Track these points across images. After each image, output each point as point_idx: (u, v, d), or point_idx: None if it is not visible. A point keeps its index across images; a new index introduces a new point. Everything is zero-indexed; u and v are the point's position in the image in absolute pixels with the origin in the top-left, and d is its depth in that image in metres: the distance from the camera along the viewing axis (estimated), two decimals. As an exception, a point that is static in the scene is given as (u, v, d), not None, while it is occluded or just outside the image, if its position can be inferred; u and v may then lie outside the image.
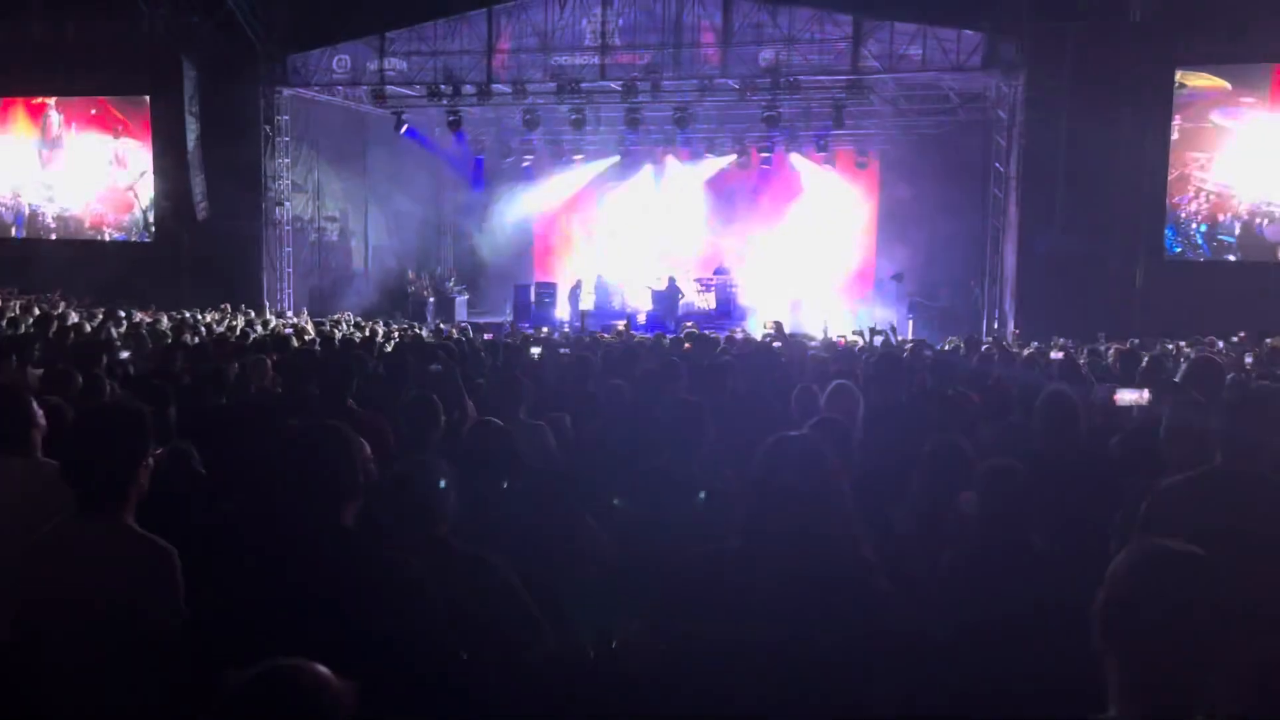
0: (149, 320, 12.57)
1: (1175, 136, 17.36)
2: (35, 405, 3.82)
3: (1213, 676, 1.74)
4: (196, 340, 9.35)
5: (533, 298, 22.55)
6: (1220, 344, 12.13)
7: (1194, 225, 17.52)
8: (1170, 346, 11.62)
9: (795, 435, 2.60)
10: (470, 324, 18.15)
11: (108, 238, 21.89)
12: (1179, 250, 17.62)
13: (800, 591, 2.26)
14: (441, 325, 18.25)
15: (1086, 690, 2.05)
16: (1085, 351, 9.98)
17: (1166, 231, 17.56)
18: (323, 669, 1.60)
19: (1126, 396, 5.10)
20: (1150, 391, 4.99)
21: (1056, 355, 8.89)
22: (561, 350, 8.86)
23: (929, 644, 2.51)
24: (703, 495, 3.63)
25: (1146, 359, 6.85)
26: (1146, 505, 3.17)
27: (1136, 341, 13.02)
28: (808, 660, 2.21)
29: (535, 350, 7.10)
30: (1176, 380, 5.33)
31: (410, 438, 4.04)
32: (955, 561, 3.00)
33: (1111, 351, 9.64)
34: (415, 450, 3.72)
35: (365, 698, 1.71)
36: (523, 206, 24.62)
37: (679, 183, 23.72)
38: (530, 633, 2.91)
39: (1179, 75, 17.30)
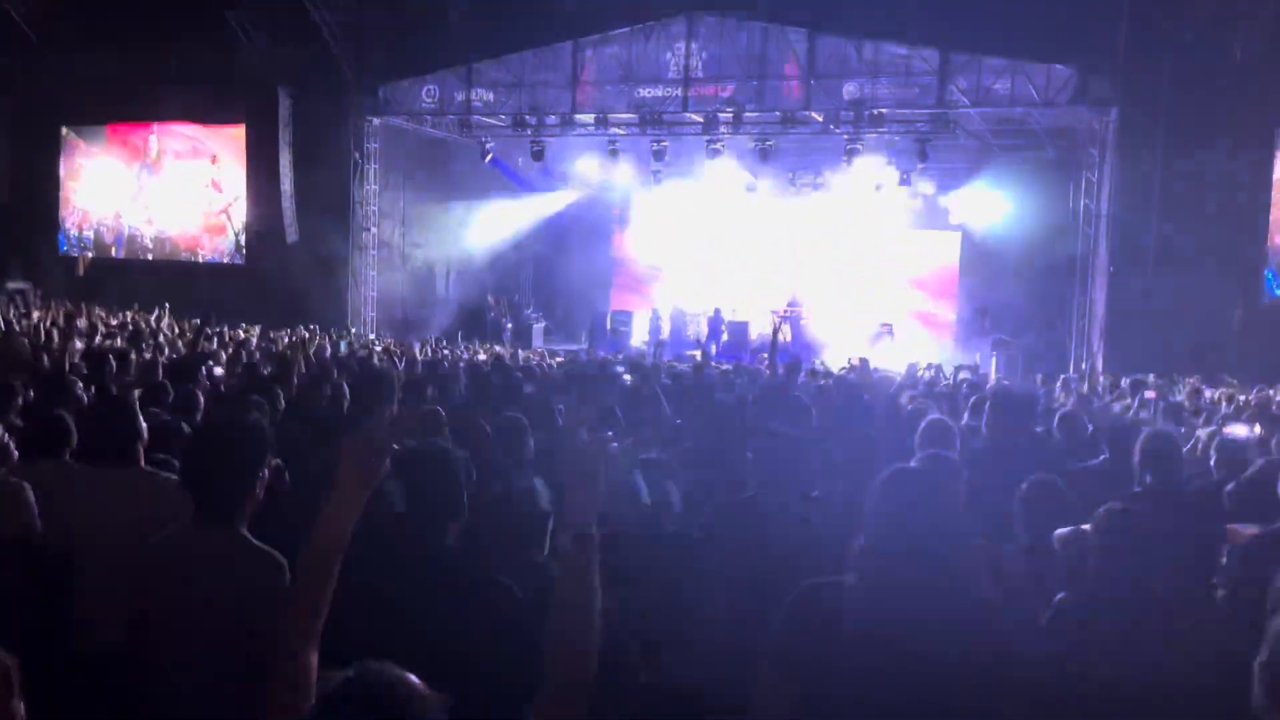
0: (240, 338, 12.90)
1: (1277, 174, 16.77)
2: (140, 417, 3.93)
3: None
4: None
5: (609, 325, 22.66)
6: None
7: (1296, 267, 16.87)
8: (1271, 391, 11.14)
9: (914, 468, 2.53)
10: (546, 350, 18.30)
11: (201, 259, 22.61)
12: (1280, 294, 16.97)
13: (921, 630, 2.18)
14: (519, 351, 18.41)
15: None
16: (1185, 390, 9.65)
17: (1266, 273, 16.93)
18: (412, 677, 1.60)
19: (1238, 432, 4.93)
20: (1262, 426, 4.81)
21: (1150, 395, 8.58)
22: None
23: (1054, 689, 2.40)
24: None
25: (1253, 400, 6.58)
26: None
27: (1232, 381, 12.55)
28: (929, 700, 2.13)
29: (627, 378, 7.10)
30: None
31: (502, 456, 4.05)
32: (1069, 603, 2.88)
33: (1218, 394, 9.28)
34: (509, 468, 3.72)
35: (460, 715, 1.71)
36: (603, 236, 24.82)
37: (757, 215, 23.63)
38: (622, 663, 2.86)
39: (1282, 110, 16.74)
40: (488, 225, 23.57)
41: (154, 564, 2.82)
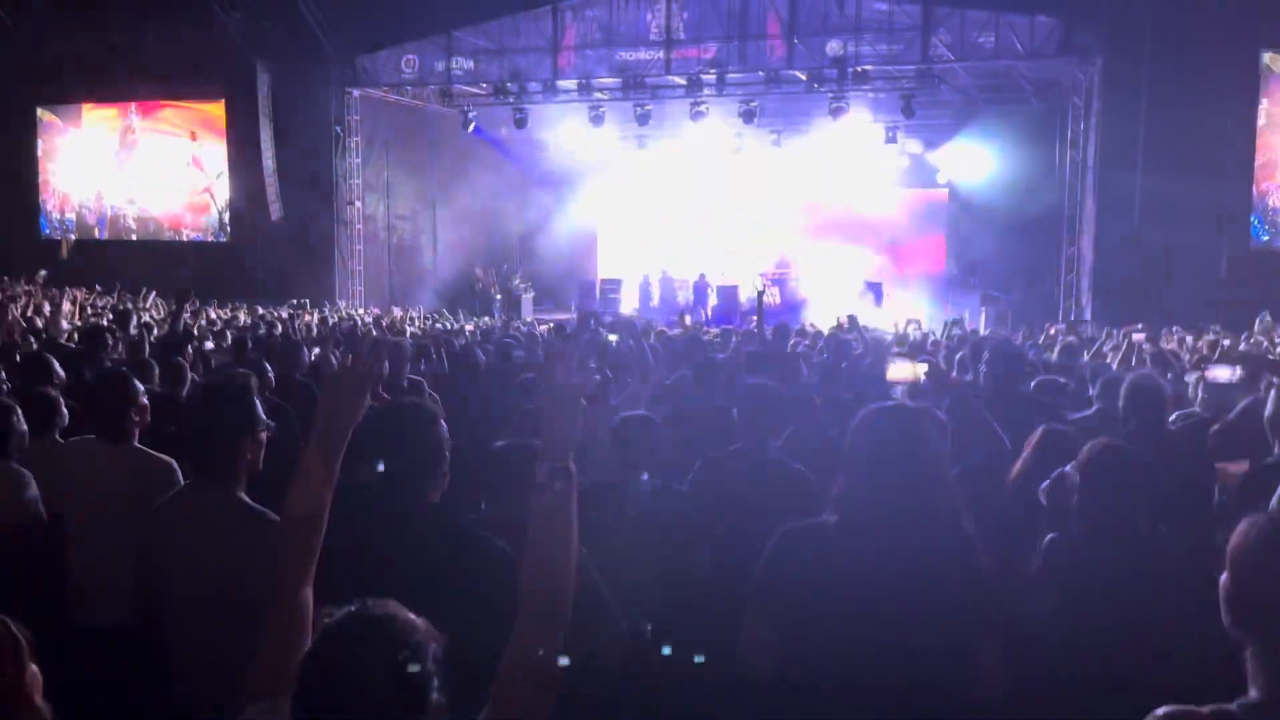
0: (226, 315, 12.85)
1: (1262, 121, 16.75)
2: (139, 394, 3.90)
3: None
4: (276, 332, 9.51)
5: (598, 294, 22.62)
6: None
7: (1282, 212, 16.90)
8: (1260, 338, 11.18)
9: (891, 405, 2.53)
10: (537, 319, 18.30)
11: (185, 238, 22.46)
12: (1266, 239, 17.00)
13: (901, 566, 2.19)
14: (510, 321, 18.36)
15: (1209, 673, 1.95)
16: (1173, 339, 9.69)
17: (1253, 219, 16.95)
18: (411, 615, 1.66)
19: (1220, 374, 4.99)
20: (1244, 369, 4.86)
21: (1137, 336, 8.62)
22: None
23: (1032, 625, 2.42)
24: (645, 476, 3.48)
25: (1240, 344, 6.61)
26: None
27: (1218, 328, 12.58)
28: (910, 637, 2.14)
29: (612, 337, 7.14)
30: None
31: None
32: (1058, 544, 2.89)
33: (1203, 341, 9.31)
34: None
35: (452, 670, 1.72)
36: (588, 203, 24.68)
37: (744, 177, 23.47)
38: (602, 619, 2.88)
39: (1266, 58, 16.69)
40: (472, 197, 23.41)
41: (155, 529, 2.89)
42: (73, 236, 23.07)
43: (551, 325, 15.61)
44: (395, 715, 1.57)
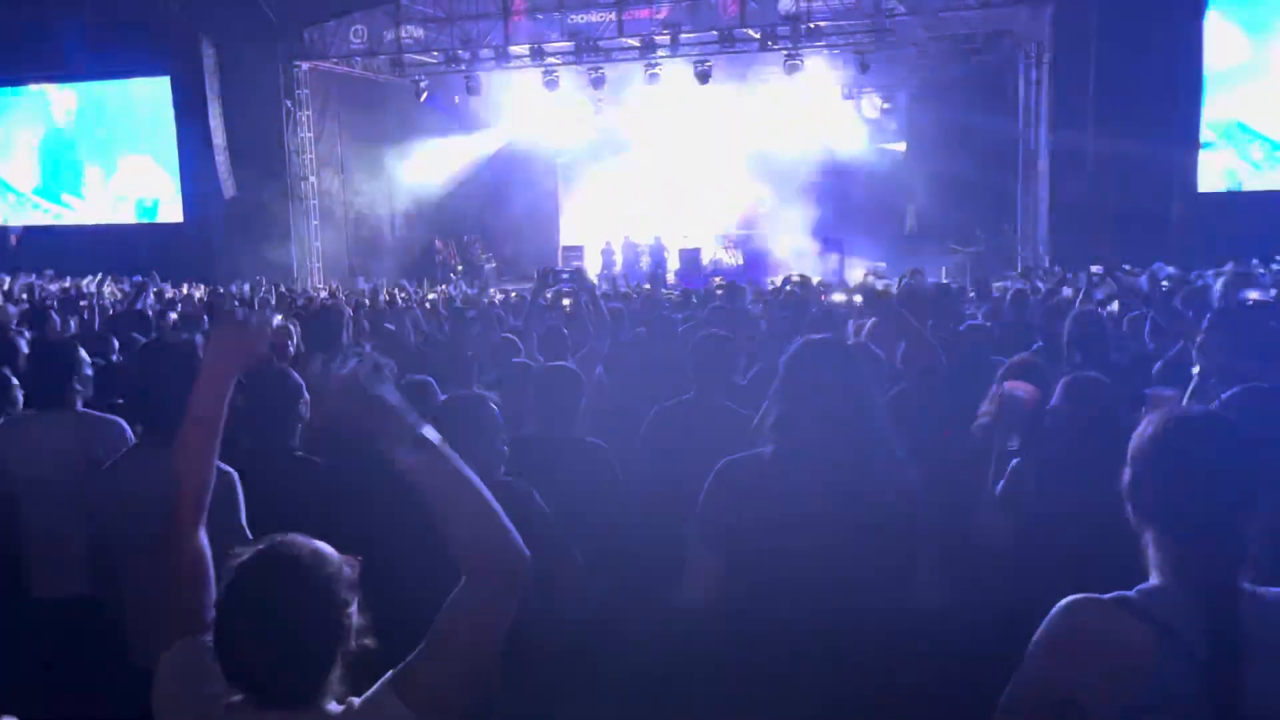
0: (183, 294, 12.72)
1: (1207, 61, 16.89)
2: (82, 361, 3.88)
3: (1251, 538, 1.72)
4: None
5: (560, 262, 22.56)
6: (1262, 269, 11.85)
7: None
8: (1210, 274, 11.36)
9: (820, 337, 2.61)
10: (499, 288, 18.22)
11: (139, 220, 22.09)
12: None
13: (834, 489, 2.26)
14: (467, 290, 18.28)
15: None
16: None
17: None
18: (323, 545, 1.70)
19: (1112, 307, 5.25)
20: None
21: (1096, 269, 8.80)
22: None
23: (975, 542, 2.51)
24: None
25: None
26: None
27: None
28: (847, 556, 2.22)
29: (565, 301, 7.15)
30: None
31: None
32: (1042, 466, 3.00)
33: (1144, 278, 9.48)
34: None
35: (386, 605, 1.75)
36: (548, 171, 24.53)
37: (704, 138, 23.41)
38: (560, 558, 2.94)
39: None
40: (429, 168, 23.19)
41: (107, 490, 2.94)
42: (23, 225, 22.62)
43: (515, 294, 15.58)
44: (313, 643, 1.63)
